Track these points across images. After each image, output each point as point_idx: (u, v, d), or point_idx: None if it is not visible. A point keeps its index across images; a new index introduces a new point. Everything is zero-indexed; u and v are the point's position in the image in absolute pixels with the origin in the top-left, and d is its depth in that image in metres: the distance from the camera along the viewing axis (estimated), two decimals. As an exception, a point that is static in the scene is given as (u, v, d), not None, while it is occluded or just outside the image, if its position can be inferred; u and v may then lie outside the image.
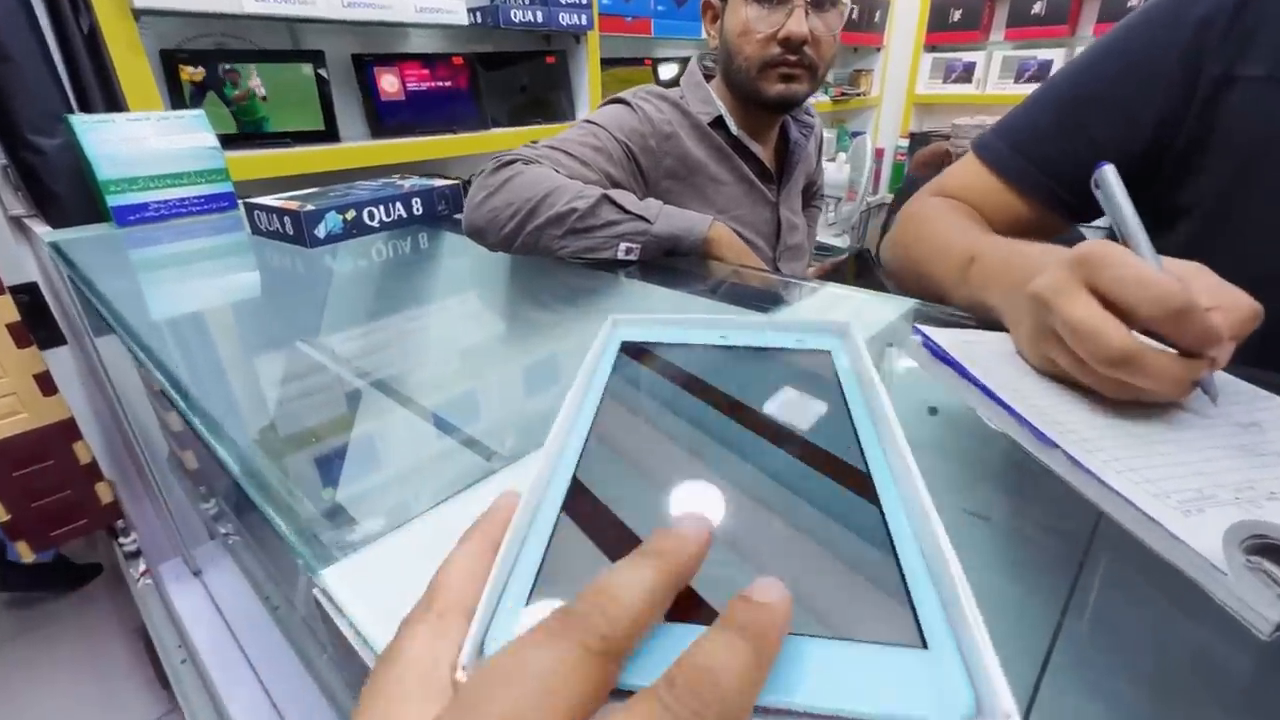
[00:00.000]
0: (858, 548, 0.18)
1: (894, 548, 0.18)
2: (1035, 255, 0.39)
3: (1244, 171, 0.45)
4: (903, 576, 0.17)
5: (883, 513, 0.19)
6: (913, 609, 0.16)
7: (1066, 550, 0.34)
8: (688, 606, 0.16)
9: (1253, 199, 0.45)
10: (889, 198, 2.67)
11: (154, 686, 1.02)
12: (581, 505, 0.20)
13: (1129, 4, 2.07)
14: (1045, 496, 0.33)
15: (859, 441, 0.23)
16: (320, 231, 0.70)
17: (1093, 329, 0.29)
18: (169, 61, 1.02)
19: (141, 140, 0.81)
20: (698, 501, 0.21)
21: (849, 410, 0.25)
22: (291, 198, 0.75)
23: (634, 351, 0.30)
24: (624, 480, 0.22)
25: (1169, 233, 0.50)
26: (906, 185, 2.41)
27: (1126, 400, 0.31)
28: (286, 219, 0.70)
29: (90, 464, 0.95)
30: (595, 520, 0.19)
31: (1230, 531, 0.21)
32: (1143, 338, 0.29)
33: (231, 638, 0.88)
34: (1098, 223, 0.57)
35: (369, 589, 0.24)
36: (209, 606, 0.95)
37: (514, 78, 1.45)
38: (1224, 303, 0.29)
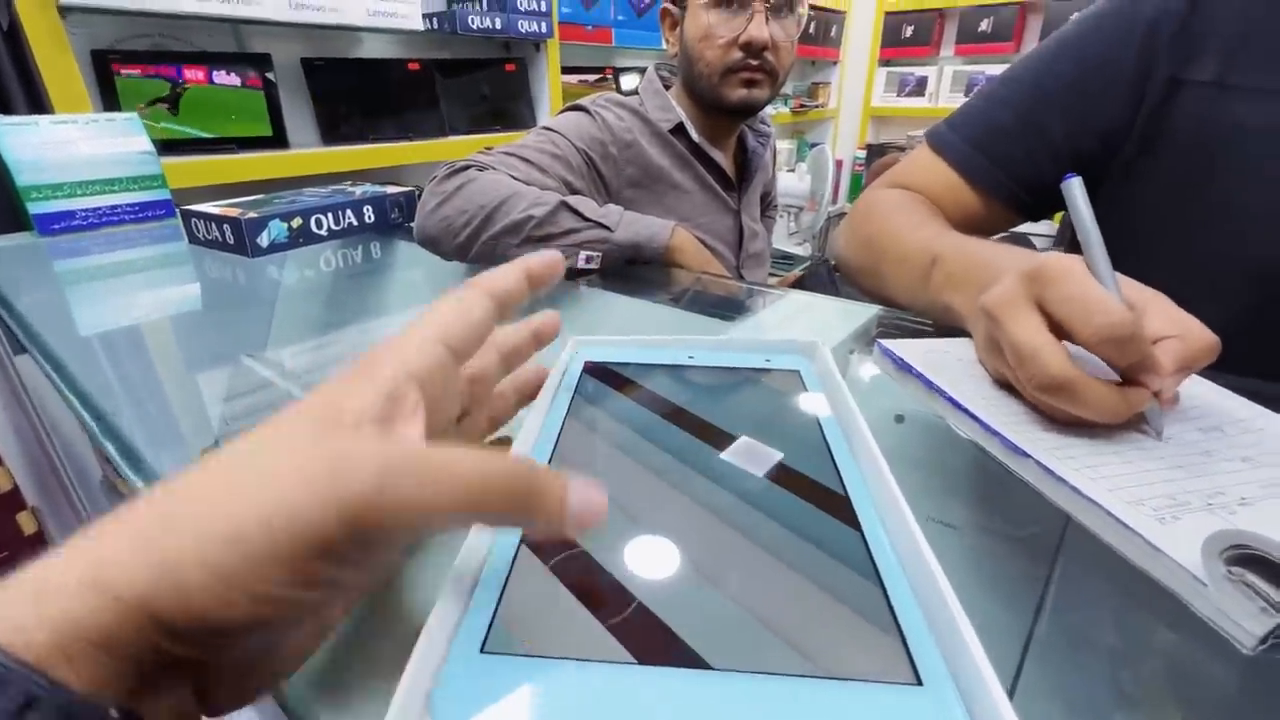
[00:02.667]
0: (841, 576, 0.17)
1: (879, 575, 0.17)
2: (1001, 259, 0.38)
3: (1192, 176, 0.46)
4: (890, 607, 0.16)
5: (864, 537, 0.18)
6: (905, 645, 0.14)
7: (1036, 558, 0.33)
8: (670, 649, 0.14)
9: (1199, 203, 0.46)
10: (848, 207, 2.73)
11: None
12: (542, 541, 0.18)
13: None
14: (1013, 504, 0.32)
15: (835, 462, 0.22)
16: (263, 240, 0.66)
17: (1032, 353, 0.28)
18: (101, 62, 0.97)
19: (68, 144, 0.75)
20: (670, 532, 0.19)
21: (822, 431, 0.24)
22: (233, 204, 0.71)
23: (598, 373, 0.29)
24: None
25: (1119, 232, 0.50)
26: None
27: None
28: (226, 227, 0.66)
29: (10, 491, 0.88)
30: (557, 556, 0.18)
31: (1209, 541, 0.21)
32: (1090, 355, 0.29)
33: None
34: (1043, 227, 0.58)
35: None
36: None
37: (473, 84, 1.43)
38: (1180, 332, 0.28)
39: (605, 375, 0.29)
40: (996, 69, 2.37)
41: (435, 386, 0.16)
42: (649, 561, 0.18)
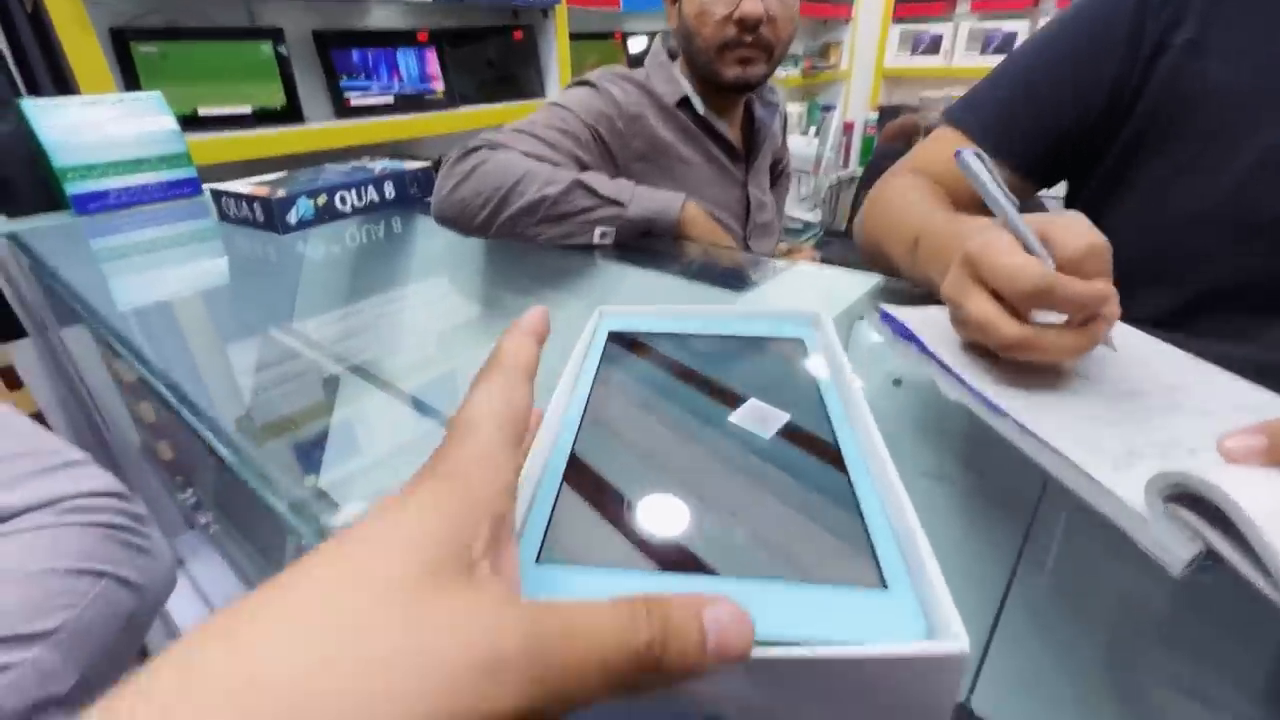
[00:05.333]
0: (827, 507, 0.20)
1: (859, 507, 0.20)
2: (964, 232, 0.41)
3: (1164, 135, 0.49)
4: (867, 532, 0.19)
5: (849, 478, 0.22)
6: (875, 558, 0.18)
7: (1018, 508, 0.37)
8: (685, 560, 0.18)
9: (1174, 163, 0.49)
10: (859, 172, 2.70)
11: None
12: (580, 477, 0.22)
13: (1089, -24, 2.10)
14: (1000, 460, 0.36)
15: (829, 420, 0.25)
16: (292, 218, 0.69)
17: (988, 324, 0.32)
18: (119, 40, 0.98)
19: (97, 125, 0.78)
20: (686, 474, 0.22)
21: (820, 392, 0.27)
22: (260, 183, 0.74)
23: (621, 340, 0.32)
24: (617, 454, 0.24)
25: (1127, 195, 0.53)
26: (876, 159, 2.43)
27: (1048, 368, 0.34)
28: (257, 205, 0.69)
29: (61, 458, 0.94)
30: (593, 489, 0.21)
31: (1151, 482, 0.24)
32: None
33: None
34: (1059, 189, 0.60)
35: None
36: (194, 595, 0.95)
37: (481, 54, 1.42)
38: (1086, 249, 0.31)
39: (627, 343, 0.32)
40: (1014, 25, 2.31)
41: (512, 489, 0.16)
42: (669, 496, 0.21)
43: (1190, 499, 0.23)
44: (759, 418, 0.26)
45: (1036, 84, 0.53)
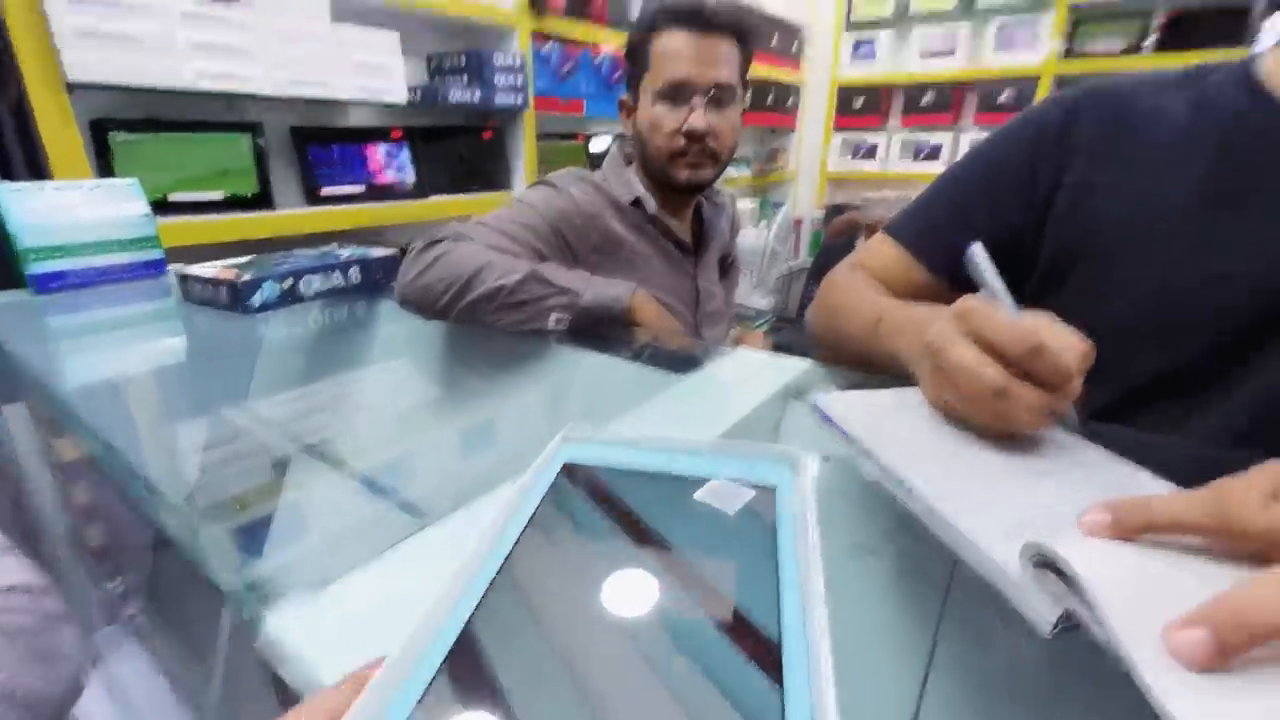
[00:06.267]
0: None
1: None
2: (926, 313, 0.48)
3: (1068, 265, 0.55)
4: None
5: (782, 694, 0.18)
6: None
7: (936, 577, 0.39)
8: None
9: (1070, 290, 0.55)
10: (808, 262, 2.88)
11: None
12: (464, 657, 0.19)
13: (998, 99, 2.39)
14: (918, 533, 0.39)
15: (779, 603, 0.22)
16: (256, 300, 0.71)
17: (974, 368, 0.36)
18: (98, 130, 1.02)
19: (69, 208, 0.80)
20: (583, 670, 0.20)
21: (778, 567, 0.24)
22: (228, 266, 0.76)
23: (574, 476, 0.30)
24: (517, 634, 0.21)
25: (1056, 309, 0.59)
26: (823, 252, 2.61)
27: (994, 438, 0.38)
28: (222, 289, 0.71)
29: (-21, 544, 0.88)
30: (473, 674, 0.19)
31: (1023, 550, 0.27)
32: None
33: (134, 728, 0.81)
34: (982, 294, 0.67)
35: (316, 635, 0.26)
36: (105, 697, 0.88)
37: (452, 149, 1.52)
38: (1068, 344, 0.36)
39: (580, 481, 0.30)
40: (940, 138, 2.58)
41: None
42: (553, 700, 0.19)
43: (1056, 567, 0.26)
44: (698, 593, 0.23)
45: (960, 211, 0.61)
